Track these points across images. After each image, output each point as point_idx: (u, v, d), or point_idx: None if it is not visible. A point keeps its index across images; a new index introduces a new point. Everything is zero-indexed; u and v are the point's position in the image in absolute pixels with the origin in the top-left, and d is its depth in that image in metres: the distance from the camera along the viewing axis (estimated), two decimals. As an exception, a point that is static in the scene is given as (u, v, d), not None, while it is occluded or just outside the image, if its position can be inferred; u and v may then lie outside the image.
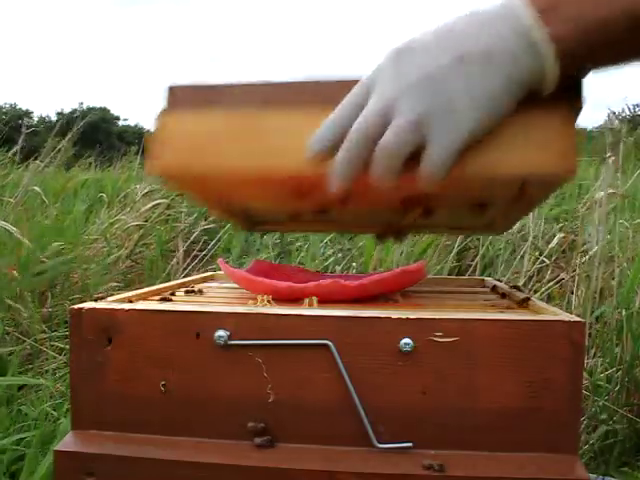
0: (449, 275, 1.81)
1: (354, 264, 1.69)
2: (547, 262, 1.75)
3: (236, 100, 0.48)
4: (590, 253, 1.55)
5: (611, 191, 1.60)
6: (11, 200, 2.12)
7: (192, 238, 2.05)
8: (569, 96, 0.43)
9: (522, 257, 1.73)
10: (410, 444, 0.42)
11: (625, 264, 1.53)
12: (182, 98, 0.49)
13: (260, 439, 0.43)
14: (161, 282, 0.73)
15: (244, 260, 1.82)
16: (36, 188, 2.21)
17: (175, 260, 1.91)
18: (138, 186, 2.43)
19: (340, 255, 1.94)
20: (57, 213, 2.26)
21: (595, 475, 0.82)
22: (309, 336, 0.43)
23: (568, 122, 0.43)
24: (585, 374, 1.14)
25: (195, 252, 1.97)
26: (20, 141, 2.74)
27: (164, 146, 0.47)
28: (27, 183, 2.22)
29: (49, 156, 2.60)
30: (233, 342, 0.43)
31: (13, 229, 1.61)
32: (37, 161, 2.59)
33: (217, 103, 0.48)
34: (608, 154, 1.69)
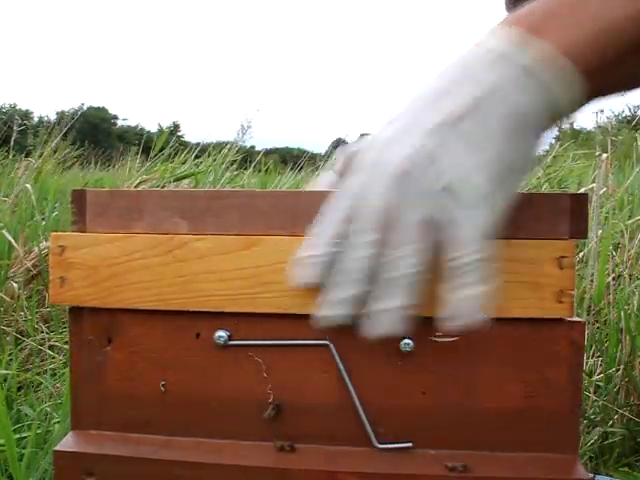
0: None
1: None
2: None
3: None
4: (584, 251, 1.55)
5: (601, 188, 1.60)
6: (7, 199, 2.12)
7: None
8: None
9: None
10: (410, 444, 0.42)
11: (621, 265, 1.53)
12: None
13: (286, 443, 0.43)
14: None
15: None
16: (28, 186, 2.20)
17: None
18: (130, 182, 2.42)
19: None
20: (55, 212, 2.25)
21: (595, 475, 0.82)
22: (309, 336, 0.43)
23: None
24: (584, 374, 1.14)
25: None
26: (12, 139, 2.73)
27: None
28: (22, 182, 2.22)
29: (41, 154, 2.60)
30: (233, 342, 0.43)
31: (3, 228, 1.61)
32: (29, 159, 2.58)
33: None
34: (597, 152, 1.69)
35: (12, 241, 1.61)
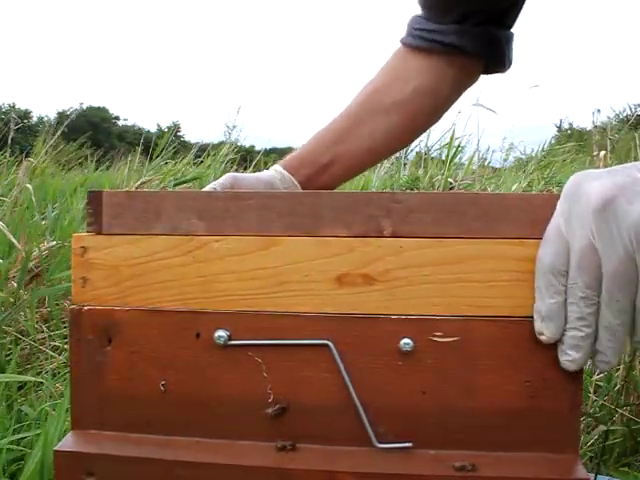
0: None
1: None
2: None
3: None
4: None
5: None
6: (6, 199, 2.12)
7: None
8: None
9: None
10: (410, 444, 0.42)
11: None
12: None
13: (286, 443, 0.43)
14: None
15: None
16: (28, 186, 2.20)
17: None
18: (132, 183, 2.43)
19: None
20: (55, 212, 2.25)
21: (595, 475, 0.82)
22: (309, 336, 0.43)
23: None
24: (584, 374, 1.14)
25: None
26: (10, 139, 2.74)
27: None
28: (21, 182, 2.22)
29: (39, 153, 2.60)
30: (233, 342, 0.43)
31: (5, 228, 1.61)
32: (30, 159, 2.58)
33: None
34: (595, 152, 1.69)
35: (15, 242, 1.61)
